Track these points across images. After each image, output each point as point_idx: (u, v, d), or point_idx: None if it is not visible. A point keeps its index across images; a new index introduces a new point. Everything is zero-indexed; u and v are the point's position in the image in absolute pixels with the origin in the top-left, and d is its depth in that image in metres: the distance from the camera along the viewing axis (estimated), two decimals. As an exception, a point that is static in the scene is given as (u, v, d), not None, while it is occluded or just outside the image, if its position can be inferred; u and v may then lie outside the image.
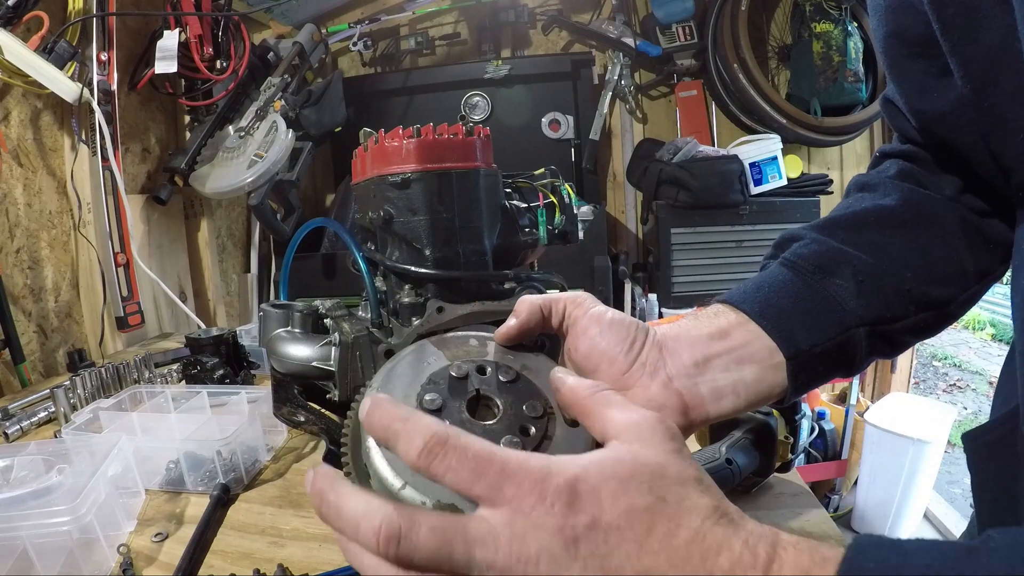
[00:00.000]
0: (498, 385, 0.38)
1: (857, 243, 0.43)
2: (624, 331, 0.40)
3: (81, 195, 1.43)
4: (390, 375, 0.40)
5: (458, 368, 0.38)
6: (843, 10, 2.20)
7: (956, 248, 0.44)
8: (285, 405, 0.73)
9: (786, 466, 0.64)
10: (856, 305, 0.41)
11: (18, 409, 0.98)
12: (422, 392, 0.37)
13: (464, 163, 0.65)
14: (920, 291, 0.43)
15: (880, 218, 0.45)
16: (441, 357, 0.40)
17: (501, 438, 0.35)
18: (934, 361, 4.49)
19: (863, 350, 0.42)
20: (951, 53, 0.36)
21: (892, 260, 0.43)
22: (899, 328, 0.43)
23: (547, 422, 0.37)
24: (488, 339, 0.42)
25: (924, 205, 0.46)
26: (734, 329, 0.41)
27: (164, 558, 0.59)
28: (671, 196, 2.08)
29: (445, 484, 0.28)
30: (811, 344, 0.40)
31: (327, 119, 1.91)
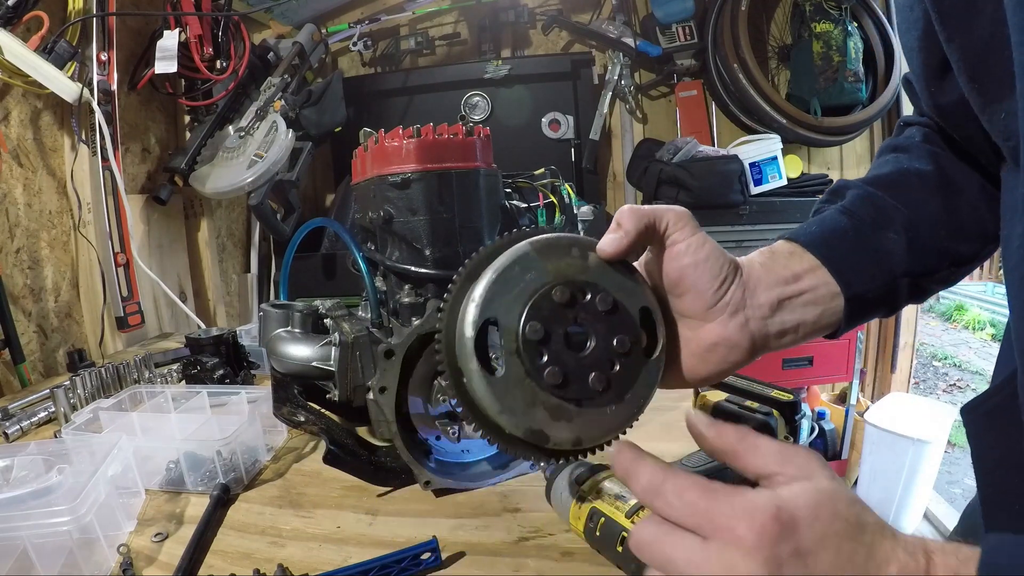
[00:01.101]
0: (596, 315, 0.40)
1: (905, 201, 0.48)
2: (717, 268, 0.42)
3: (81, 195, 1.43)
4: (493, 287, 0.39)
5: (560, 293, 0.39)
6: (843, 10, 2.20)
7: (979, 209, 0.49)
8: (285, 405, 0.74)
9: (786, 466, 0.64)
10: (904, 258, 0.47)
11: (18, 409, 0.98)
12: (526, 319, 0.39)
13: (464, 163, 0.65)
14: (953, 248, 0.48)
15: (920, 180, 0.50)
16: (543, 271, 0.40)
17: (591, 373, 0.39)
18: (934, 361, 4.49)
19: (904, 297, 0.48)
20: (947, 42, 0.38)
21: (932, 218, 0.48)
22: (934, 279, 0.49)
23: (632, 355, 0.41)
24: (588, 249, 0.42)
25: (953, 170, 0.51)
26: (806, 274, 0.45)
27: (164, 558, 0.59)
28: (671, 196, 2.08)
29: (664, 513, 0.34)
30: (865, 290, 0.46)
31: (327, 119, 1.91)
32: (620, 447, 0.38)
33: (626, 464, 0.37)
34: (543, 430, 0.39)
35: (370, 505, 0.67)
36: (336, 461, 0.67)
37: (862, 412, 2.29)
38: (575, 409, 0.40)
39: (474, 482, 0.70)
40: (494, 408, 0.39)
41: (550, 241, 0.41)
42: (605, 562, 0.52)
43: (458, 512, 0.65)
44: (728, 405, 0.66)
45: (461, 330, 0.40)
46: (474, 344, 0.39)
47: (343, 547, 0.60)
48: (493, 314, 0.39)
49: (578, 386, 0.40)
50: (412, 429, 0.68)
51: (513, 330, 0.39)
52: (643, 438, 0.83)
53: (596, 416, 0.41)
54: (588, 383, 0.40)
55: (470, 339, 0.39)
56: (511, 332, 0.39)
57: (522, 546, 0.58)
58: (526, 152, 2.22)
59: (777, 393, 0.66)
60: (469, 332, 0.39)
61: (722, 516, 0.31)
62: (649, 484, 0.35)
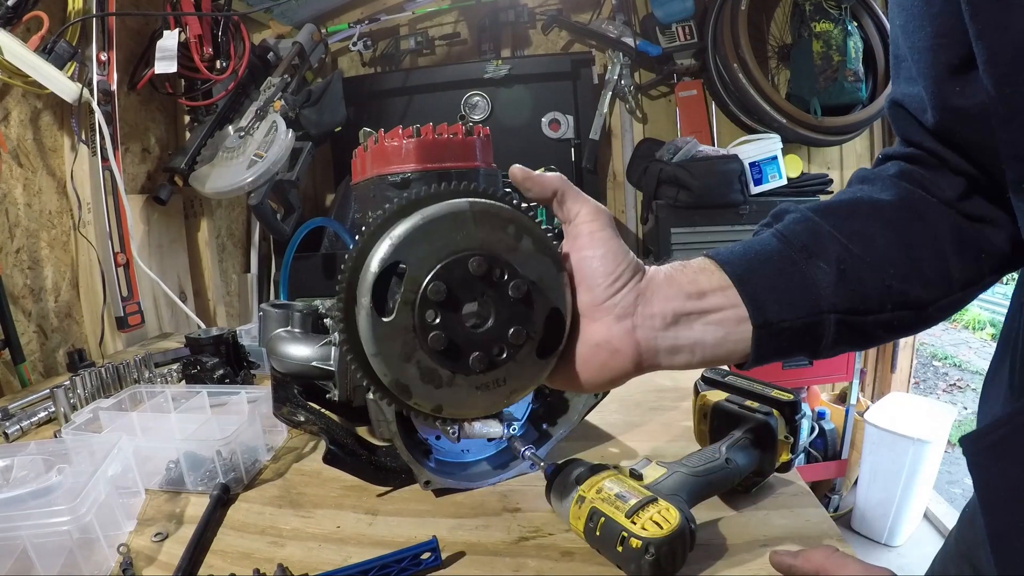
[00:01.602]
0: (503, 298, 0.39)
1: (847, 231, 0.44)
2: (614, 265, 0.41)
3: (81, 195, 1.43)
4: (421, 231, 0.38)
5: (477, 265, 0.38)
6: (843, 10, 2.20)
7: (944, 253, 0.44)
8: (285, 405, 0.74)
9: (786, 466, 0.64)
10: (832, 292, 0.42)
11: (18, 409, 0.98)
12: (433, 276, 0.38)
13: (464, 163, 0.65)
14: (899, 288, 0.43)
15: (874, 211, 0.45)
16: (472, 237, 0.39)
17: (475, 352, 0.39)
18: (934, 361, 4.49)
19: (830, 336, 0.43)
20: (977, 38, 0.35)
21: (878, 253, 0.43)
22: (871, 321, 0.43)
23: (520, 349, 0.40)
24: (526, 233, 0.40)
25: (919, 205, 0.46)
26: (712, 293, 0.42)
27: (164, 558, 0.59)
28: (671, 196, 2.08)
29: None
30: (780, 318, 0.41)
31: (327, 119, 1.91)
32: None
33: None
34: (409, 386, 0.39)
35: (370, 505, 0.67)
36: (336, 461, 0.67)
37: (862, 412, 2.29)
38: (447, 377, 0.39)
39: (474, 482, 0.70)
40: (370, 349, 0.38)
41: (491, 209, 0.40)
42: (605, 562, 0.52)
43: (458, 512, 0.65)
44: (728, 405, 0.66)
45: (368, 262, 0.38)
46: (374, 280, 0.38)
47: (343, 547, 0.60)
48: (404, 258, 0.38)
49: (459, 359, 0.39)
50: (412, 429, 0.68)
51: (417, 281, 0.38)
52: (643, 438, 0.83)
53: (464, 393, 0.40)
54: (469, 360, 0.39)
55: (373, 274, 0.38)
56: (414, 282, 0.38)
57: (522, 546, 0.58)
58: (526, 152, 2.22)
59: (777, 393, 0.66)
60: (374, 267, 0.38)
61: None
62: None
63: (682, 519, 0.48)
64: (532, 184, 0.43)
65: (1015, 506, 0.39)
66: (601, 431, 0.81)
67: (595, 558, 0.53)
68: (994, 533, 0.41)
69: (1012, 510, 0.40)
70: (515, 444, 0.67)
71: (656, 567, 0.46)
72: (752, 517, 0.60)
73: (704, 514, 0.59)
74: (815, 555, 0.38)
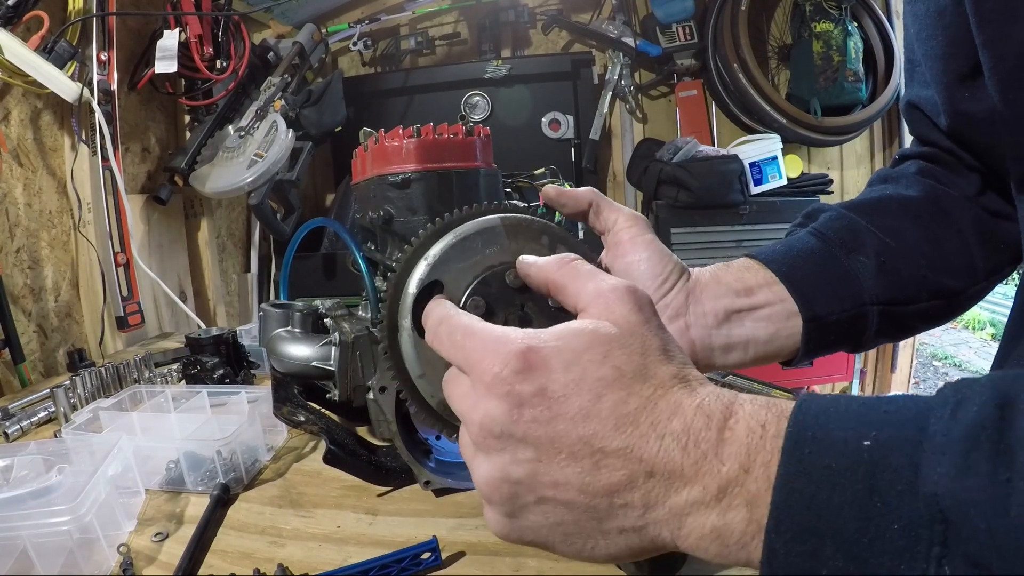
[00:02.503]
0: (543, 309, 0.38)
1: (881, 226, 0.45)
2: (661, 267, 0.41)
3: (81, 195, 1.43)
4: (455, 249, 0.39)
5: (514, 276, 0.38)
6: (843, 10, 2.20)
7: (969, 244, 0.46)
8: (285, 405, 0.73)
9: (786, 466, 0.64)
10: (874, 284, 0.43)
11: (18, 409, 0.98)
12: (471, 292, 0.38)
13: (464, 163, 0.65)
14: (934, 279, 0.45)
15: (903, 207, 0.47)
16: (506, 250, 0.39)
17: None
18: (934, 361, 4.49)
19: (873, 327, 0.44)
20: (984, 47, 0.36)
21: (910, 247, 0.45)
22: (910, 312, 0.45)
23: None
24: (561, 242, 0.40)
25: (942, 200, 0.48)
26: (760, 288, 0.42)
27: (164, 558, 0.59)
28: (671, 196, 2.08)
29: (442, 355, 0.32)
30: (828, 312, 0.42)
31: (327, 119, 1.91)
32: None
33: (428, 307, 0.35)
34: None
35: (370, 505, 0.67)
36: (336, 461, 0.67)
37: (862, 412, 2.29)
38: None
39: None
40: (415, 371, 0.39)
41: (522, 222, 0.40)
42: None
43: (458, 512, 0.65)
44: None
45: (407, 286, 0.39)
46: (413, 302, 0.38)
47: (343, 547, 0.60)
48: (440, 277, 0.38)
49: None
50: (412, 429, 0.68)
51: (455, 299, 0.38)
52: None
53: None
54: None
55: (411, 295, 0.38)
56: (453, 300, 0.38)
57: (522, 546, 0.58)
58: (526, 152, 2.22)
59: (777, 393, 0.66)
60: (412, 289, 0.39)
61: (475, 352, 0.29)
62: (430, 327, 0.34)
63: (682, 519, 0.48)
64: (566, 199, 0.44)
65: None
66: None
67: (595, 558, 0.53)
68: None
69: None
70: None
71: (656, 567, 0.46)
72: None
73: (704, 514, 0.59)
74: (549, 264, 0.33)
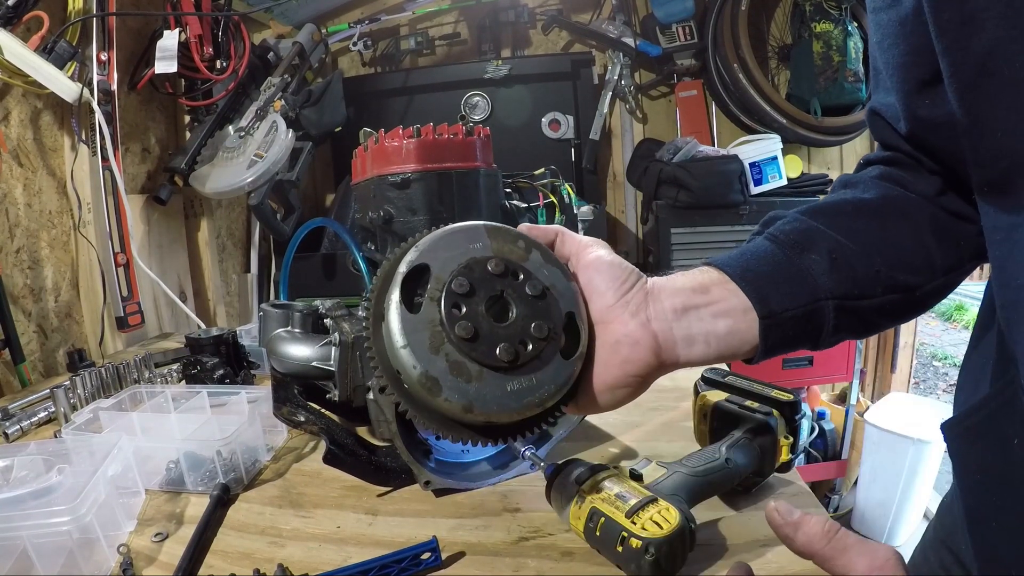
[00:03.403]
0: (522, 295, 0.42)
1: (835, 227, 0.47)
2: (619, 272, 0.45)
3: (81, 195, 1.43)
4: (439, 240, 0.42)
5: (495, 265, 0.42)
6: (843, 10, 2.20)
7: (926, 242, 0.48)
8: (285, 405, 0.74)
9: (786, 466, 0.64)
10: (827, 280, 0.45)
11: (18, 409, 0.98)
12: (456, 273, 0.41)
13: (464, 163, 0.65)
14: (888, 274, 0.46)
15: (858, 208, 0.49)
16: (487, 247, 0.43)
17: (498, 344, 0.40)
18: (934, 361, 4.49)
19: (830, 322, 0.46)
20: (943, 55, 0.38)
21: (864, 244, 0.47)
22: (866, 306, 0.46)
23: (546, 345, 0.41)
24: (535, 247, 0.45)
25: (899, 201, 0.50)
26: (715, 286, 0.45)
27: (164, 558, 0.59)
28: (671, 196, 2.08)
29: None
30: (783, 308, 0.44)
31: (327, 119, 1.91)
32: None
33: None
34: (438, 379, 0.39)
35: (370, 505, 0.67)
36: (336, 461, 0.67)
37: (862, 412, 2.29)
38: (476, 369, 0.40)
39: (474, 482, 0.70)
40: (399, 341, 0.39)
41: (500, 227, 0.44)
42: (605, 562, 0.52)
43: (458, 512, 0.65)
44: (728, 405, 0.66)
45: (397, 268, 0.41)
46: (403, 278, 0.41)
47: (343, 547, 0.60)
48: (428, 261, 0.41)
49: (485, 349, 0.40)
50: (412, 429, 0.68)
51: (441, 279, 0.41)
52: (643, 438, 0.84)
53: (495, 387, 0.40)
54: (496, 350, 0.40)
55: (401, 273, 0.41)
56: (439, 280, 0.41)
57: (522, 546, 0.58)
58: (526, 152, 2.22)
59: (777, 393, 0.66)
60: (402, 268, 0.41)
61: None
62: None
63: (682, 519, 0.48)
64: (536, 232, 0.47)
65: (990, 488, 0.42)
66: (601, 431, 0.81)
67: (595, 558, 0.53)
68: (971, 515, 0.43)
69: (988, 492, 0.42)
70: (515, 444, 0.67)
71: (656, 567, 0.46)
72: (752, 517, 0.60)
73: (704, 514, 0.59)
74: (813, 529, 0.37)
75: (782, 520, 0.38)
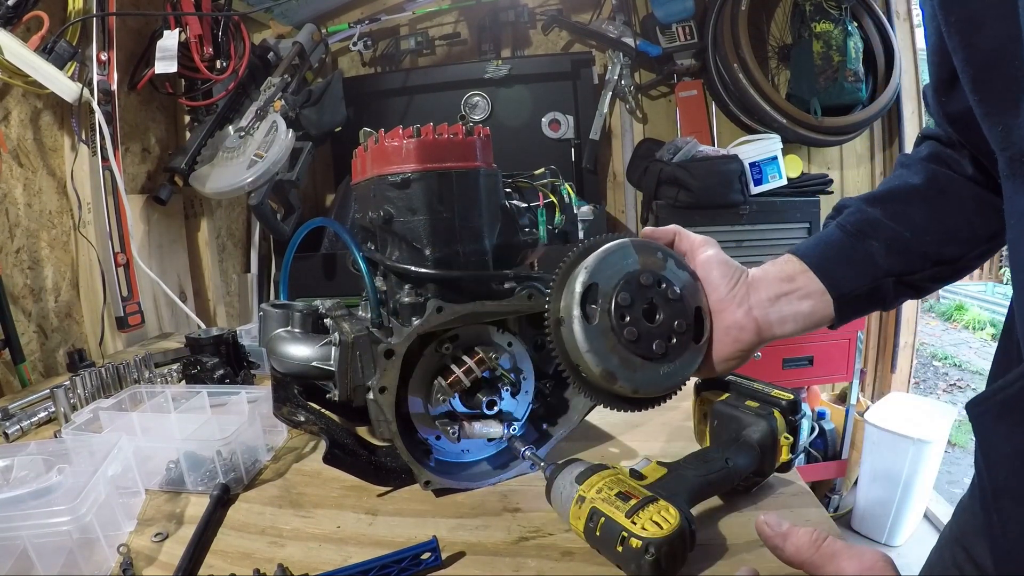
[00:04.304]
0: (665, 299, 0.55)
1: (891, 213, 0.57)
2: (727, 270, 0.57)
3: (81, 195, 1.43)
4: (604, 260, 0.54)
5: (646, 278, 0.54)
6: (843, 10, 2.20)
7: (969, 217, 0.57)
8: (285, 405, 0.73)
9: (786, 466, 0.64)
10: (885, 261, 0.56)
11: (18, 409, 0.98)
12: (618, 288, 0.53)
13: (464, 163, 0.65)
14: (936, 250, 0.56)
15: (909, 194, 0.58)
16: (636, 261, 0.55)
17: (654, 341, 0.53)
18: (934, 361, 4.49)
19: (891, 294, 0.57)
20: (954, 52, 0.42)
21: (916, 227, 0.56)
22: (918, 278, 0.57)
23: (686, 335, 0.55)
24: (670, 256, 0.57)
25: (944, 182, 0.58)
26: (799, 275, 0.56)
27: (164, 558, 0.59)
28: (671, 196, 2.08)
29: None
30: (851, 289, 0.56)
31: (327, 119, 1.91)
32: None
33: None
34: (614, 373, 0.52)
35: (370, 505, 0.67)
36: (336, 461, 0.67)
37: (862, 412, 2.29)
38: (639, 362, 0.53)
39: (474, 482, 0.70)
40: (584, 346, 0.52)
41: (643, 243, 0.57)
42: (605, 562, 0.52)
43: (458, 512, 0.65)
44: (728, 405, 0.66)
45: (571, 287, 0.53)
46: (580, 297, 0.53)
47: (343, 547, 0.60)
48: (596, 280, 0.53)
49: (645, 346, 0.53)
50: (412, 429, 0.68)
51: (609, 294, 0.53)
52: (643, 438, 0.83)
53: (652, 373, 0.54)
54: (652, 346, 0.53)
55: (579, 293, 0.53)
56: (607, 295, 0.53)
57: (522, 546, 0.58)
58: (526, 152, 2.22)
59: (777, 393, 0.66)
60: (578, 288, 0.53)
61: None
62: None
63: (682, 519, 0.48)
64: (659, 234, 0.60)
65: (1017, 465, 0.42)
66: (601, 431, 0.81)
67: (595, 558, 0.53)
68: (996, 491, 0.44)
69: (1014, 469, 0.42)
70: (515, 444, 0.67)
71: (656, 567, 0.46)
72: (752, 517, 0.60)
73: (704, 514, 0.59)
74: (801, 539, 0.39)
75: (771, 531, 0.41)
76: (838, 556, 0.37)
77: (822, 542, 0.38)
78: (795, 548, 0.39)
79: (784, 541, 0.40)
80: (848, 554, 0.37)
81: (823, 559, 0.38)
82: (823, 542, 0.38)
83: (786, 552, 0.40)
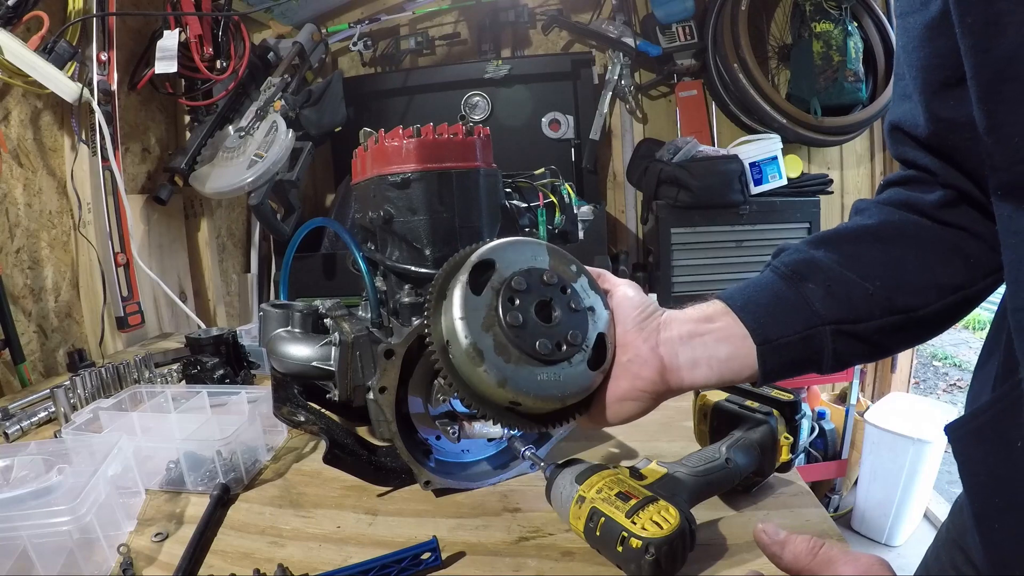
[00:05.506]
0: (566, 307, 0.50)
1: (834, 255, 0.50)
2: (639, 304, 0.52)
3: (81, 195, 1.43)
4: (511, 246, 0.51)
5: (549, 277, 0.50)
6: (843, 10, 2.20)
7: (929, 262, 0.50)
8: (285, 405, 0.74)
9: (786, 466, 0.64)
10: (822, 306, 0.48)
11: (18, 409, 0.98)
12: (517, 275, 0.49)
13: (464, 163, 0.65)
14: (885, 296, 0.48)
15: (858, 234, 0.52)
16: (546, 262, 0.51)
17: (539, 338, 0.47)
18: (934, 361, 4.49)
19: (829, 347, 0.49)
20: (966, 55, 0.39)
21: (862, 269, 0.49)
22: (864, 329, 0.49)
23: (576, 352, 0.49)
24: (585, 274, 0.53)
25: (902, 225, 0.52)
26: (719, 316, 0.50)
27: (164, 558, 0.59)
28: (671, 196, 2.08)
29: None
30: (779, 335, 0.48)
31: (327, 119, 1.91)
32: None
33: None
34: (483, 352, 0.46)
35: (370, 505, 0.67)
36: (336, 461, 0.67)
37: (862, 412, 2.29)
38: (516, 354, 0.47)
39: (474, 482, 0.70)
40: (458, 313, 0.47)
41: (559, 249, 0.53)
42: (605, 562, 0.52)
43: (458, 512, 0.65)
44: (728, 405, 0.66)
45: (468, 258, 0.49)
46: (472, 266, 0.48)
47: (343, 547, 0.60)
48: (496, 258, 0.49)
49: (528, 340, 0.47)
50: (412, 429, 0.68)
51: (503, 274, 0.49)
52: (643, 438, 0.83)
53: (528, 373, 0.47)
54: (536, 344, 0.47)
55: (471, 263, 0.49)
56: (501, 275, 0.49)
57: (522, 546, 0.59)
58: (526, 152, 2.22)
59: (777, 393, 0.66)
60: (473, 259, 0.49)
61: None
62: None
63: (682, 519, 0.48)
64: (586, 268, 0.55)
65: (997, 488, 0.43)
66: (601, 431, 0.81)
67: (595, 558, 0.53)
68: (979, 515, 0.45)
69: (994, 492, 0.43)
70: (515, 444, 0.67)
71: (656, 567, 0.46)
72: (752, 517, 0.60)
73: (704, 514, 0.59)
74: (799, 547, 0.39)
75: (769, 540, 0.41)
76: (835, 561, 0.38)
77: (819, 549, 0.39)
78: (793, 556, 0.39)
79: (782, 549, 0.40)
80: (845, 559, 0.37)
81: (820, 565, 0.38)
82: (820, 549, 0.39)
83: (784, 560, 0.40)
